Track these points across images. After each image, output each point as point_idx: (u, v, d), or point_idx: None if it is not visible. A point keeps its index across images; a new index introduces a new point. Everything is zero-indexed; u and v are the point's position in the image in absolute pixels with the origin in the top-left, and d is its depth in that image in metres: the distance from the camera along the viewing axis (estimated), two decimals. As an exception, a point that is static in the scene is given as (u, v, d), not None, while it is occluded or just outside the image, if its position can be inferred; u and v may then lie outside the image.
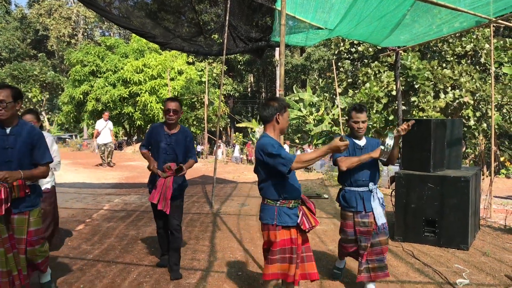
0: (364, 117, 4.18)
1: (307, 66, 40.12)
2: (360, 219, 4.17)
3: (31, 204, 3.69)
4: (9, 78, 36.92)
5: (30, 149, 3.63)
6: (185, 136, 4.81)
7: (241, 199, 9.93)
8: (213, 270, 5.02)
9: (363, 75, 21.59)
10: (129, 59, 29.85)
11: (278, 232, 3.42)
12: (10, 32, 51.59)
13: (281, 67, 4.26)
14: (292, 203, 3.47)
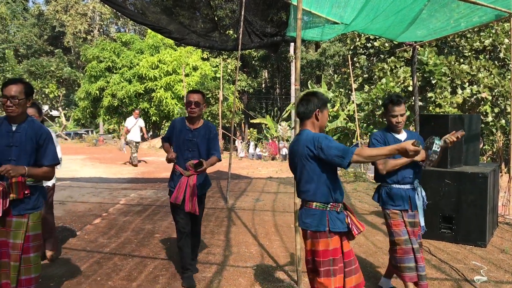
0: (402, 110, 3.83)
1: (322, 61, 39.91)
2: (407, 218, 3.83)
3: (32, 207, 3.37)
4: (26, 74, 37.34)
5: (36, 148, 3.37)
6: (209, 131, 4.49)
7: (255, 194, 9.94)
8: (229, 264, 5.04)
9: (379, 70, 21.37)
10: (145, 55, 30.01)
11: (331, 240, 3.06)
12: (27, 29, 52.22)
13: (297, 61, 4.23)
14: (340, 206, 3.15)
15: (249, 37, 8.27)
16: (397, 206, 3.84)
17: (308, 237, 3.15)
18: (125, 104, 28.61)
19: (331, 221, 3.05)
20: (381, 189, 3.99)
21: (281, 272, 4.77)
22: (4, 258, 3.24)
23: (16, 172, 3.16)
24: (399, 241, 3.80)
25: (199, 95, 4.44)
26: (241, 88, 36.35)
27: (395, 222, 3.85)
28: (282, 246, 5.78)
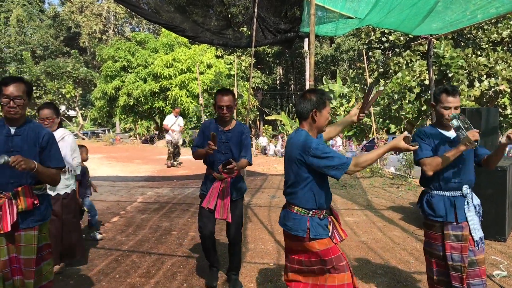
0: (457, 102, 3.28)
1: (336, 57, 39.69)
2: (451, 231, 3.20)
3: (42, 217, 3.12)
4: (43, 75, 37.85)
5: (38, 152, 3.05)
6: (241, 133, 4.21)
7: (271, 191, 9.95)
8: (245, 260, 5.06)
9: (395, 64, 21.20)
10: (159, 53, 30.17)
11: (316, 242, 2.91)
12: (44, 30, 52.93)
13: (311, 57, 4.21)
14: (324, 213, 2.97)
15: (262, 34, 8.26)
16: (437, 217, 3.25)
17: (292, 239, 3.04)
18: (140, 103, 28.82)
19: (312, 228, 2.89)
20: (424, 195, 3.41)
21: (298, 268, 4.76)
22: (15, 275, 2.97)
23: (27, 164, 2.81)
24: (430, 253, 3.36)
25: (230, 97, 4.08)
26: (255, 85, 36.35)
27: (430, 233, 3.33)
28: (299, 243, 5.77)
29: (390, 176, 11.91)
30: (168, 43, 30.83)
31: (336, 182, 10.74)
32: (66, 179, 4.56)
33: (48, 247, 3.21)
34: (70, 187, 4.65)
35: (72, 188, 4.70)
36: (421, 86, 19.32)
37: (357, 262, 4.94)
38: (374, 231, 6.34)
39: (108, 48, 31.91)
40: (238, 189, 4.25)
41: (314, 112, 2.94)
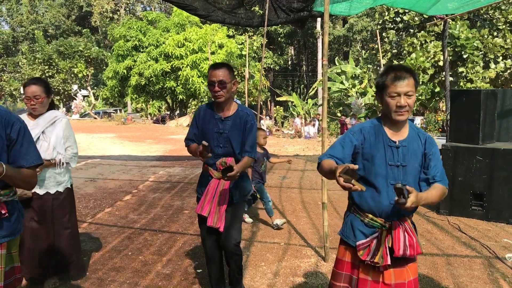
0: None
1: (349, 37, 39.18)
2: None
3: (11, 232, 2.30)
4: (55, 54, 37.93)
5: (6, 145, 2.26)
6: (244, 121, 3.30)
7: (282, 172, 9.96)
8: (256, 240, 5.09)
9: (409, 45, 20.88)
10: (171, 33, 30.05)
11: (339, 248, 2.54)
12: (55, 9, 52.85)
13: (325, 36, 4.14)
14: (369, 218, 2.36)
15: (275, 13, 8.16)
16: None
17: None
18: (152, 83, 28.85)
19: (344, 224, 2.52)
20: None
21: (308, 248, 4.79)
22: None
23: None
24: None
25: (223, 70, 3.18)
26: (267, 65, 36.14)
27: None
28: (310, 223, 5.79)
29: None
30: (179, 22, 30.67)
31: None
32: (58, 174, 3.61)
33: (18, 270, 2.38)
34: (63, 184, 3.66)
35: (66, 186, 3.68)
36: (435, 68, 19.05)
37: (367, 243, 4.94)
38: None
39: (119, 28, 31.86)
40: (241, 190, 3.42)
41: None
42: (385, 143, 2.38)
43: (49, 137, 3.53)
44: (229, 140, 3.28)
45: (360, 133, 2.42)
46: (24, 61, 40.69)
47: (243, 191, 3.45)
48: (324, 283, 3.88)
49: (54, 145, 3.53)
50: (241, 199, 3.44)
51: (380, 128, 2.43)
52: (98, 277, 4.00)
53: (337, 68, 28.17)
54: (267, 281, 3.93)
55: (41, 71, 38.35)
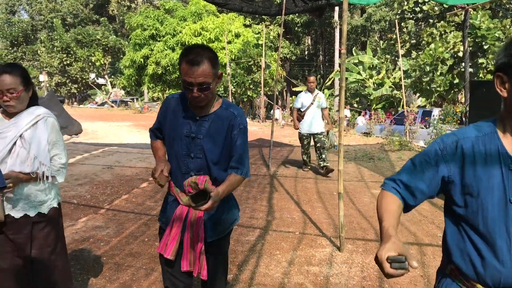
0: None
1: (367, 27, 38.75)
2: None
3: None
4: (73, 43, 38.31)
5: None
6: (228, 124, 2.31)
7: (297, 162, 9.94)
8: (271, 229, 5.10)
9: (428, 35, 20.58)
10: (187, 22, 30.09)
11: None
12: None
13: (344, 24, 4.10)
14: None
15: (293, 1, 8.10)
16: None
17: None
18: (168, 72, 28.97)
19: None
20: None
21: (323, 238, 4.79)
22: None
23: None
24: None
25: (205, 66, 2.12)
26: (283, 55, 35.96)
27: None
28: (325, 213, 5.78)
29: (419, 150, 11.72)
30: (196, 11, 30.68)
31: (364, 155, 10.65)
32: (41, 191, 2.65)
33: None
34: (47, 203, 2.69)
35: (51, 206, 2.72)
36: (455, 58, 18.75)
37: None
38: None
39: (137, 16, 31.99)
40: (222, 222, 2.42)
41: None
42: (504, 164, 1.45)
43: (29, 142, 2.52)
44: (203, 149, 2.27)
45: (455, 150, 1.53)
46: (42, 49, 41.18)
47: (223, 225, 2.42)
48: (339, 272, 3.88)
49: (36, 153, 2.54)
50: (222, 233, 2.43)
51: (495, 140, 1.49)
52: (115, 262, 4.06)
53: (354, 59, 27.92)
54: (281, 269, 3.94)
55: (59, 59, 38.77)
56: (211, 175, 2.26)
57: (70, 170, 8.45)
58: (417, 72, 19.32)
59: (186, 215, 2.31)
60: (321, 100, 8.28)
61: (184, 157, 2.30)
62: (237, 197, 6.43)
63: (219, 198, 2.08)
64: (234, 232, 4.89)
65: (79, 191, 6.84)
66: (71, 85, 41.36)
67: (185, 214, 2.31)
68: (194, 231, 2.30)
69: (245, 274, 3.83)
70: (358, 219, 5.52)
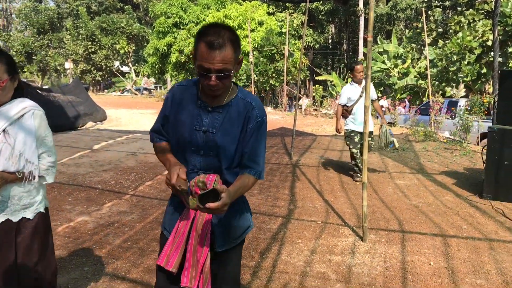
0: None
1: (392, 15, 38.10)
2: None
3: None
4: (98, 30, 38.71)
5: None
6: (245, 115, 2.01)
7: (320, 151, 9.88)
8: (293, 217, 5.10)
9: (456, 24, 20.13)
10: (211, 10, 30.06)
11: None
12: (99, -14, 53.73)
13: (371, 11, 4.01)
14: None
15: (318, -11, 7.99)
16: None
17: None
18: (192, 60, 29.06)
19: None
20: None
21: (346, 228, 4.76)
22: None
23: None
24: None
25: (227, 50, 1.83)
26: (307, 43, 35.66)
27: None
28: (348, 203, 5.75)
29: (445, 141, 11.53)
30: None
31: (387, 145, 10.52)
32: (27, 193, 2.37)
33: None
34: (33, 207, 2.41)
35: (37, 210, 2.43)
36: (483, 47, 18.31)
37: (406, 224, 4.87)
38: (425, 194, 6.20)
39: (160, 4, 32.10)
40: (234, 229, 2.14)
41: None
42: None
43: (14, 138, 2.25)
44: (217, 145, 1.97)
45: None
46: (68, 37, 41.75)
47: (235, 233, 2.13)
48: (361, 262, 3.86)
49: (21, 150, 2.27)
50: (233, 243, 2.13)
51: None
52: (140, 247, 4.12)
53: (379, 47, 27.52)
54: (303, 257, 3.94)
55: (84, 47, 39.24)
56: (222, 175, 1.99)
57: (95, 156, 8.58)
58: (444, 62, 18.96)
59: (192, 221, 2.00)
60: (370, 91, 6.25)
61: (192, 154, 2.01)
62: (259, 185, 6.48)
63: (230, 200, 1.80)
64: (256, 220, 4.91)
65: (103, 177, 6.95)
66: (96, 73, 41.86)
67: (192, 220, 2.00)
68: (199, 239, 1.99)
69: (267, 261, 3.84)
70: (382, 209, 5.47)
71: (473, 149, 10.10)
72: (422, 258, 3.96)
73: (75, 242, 4.20)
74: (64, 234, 4.41)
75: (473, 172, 7.61)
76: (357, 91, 6.86)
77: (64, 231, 4.49)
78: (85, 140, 10.91)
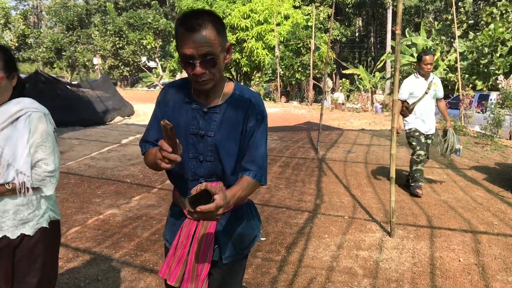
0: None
1: (421, 7, 37.37)
2: None
3: None
4: (125, 26, 39.18)
5: None
6: (245, 113, 1.81)
7: (347, 146, 9.80)
8: (320, 212, 5.08)
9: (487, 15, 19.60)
10: (237, 4, 30.07)
11: None
12: (126, -18, 54.36)
13: (399, 4, 3.95)
14: None
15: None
16: None
17: None
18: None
19: None
20: None
21: (373, 223, 4.72)
22: None
23: None
24: None
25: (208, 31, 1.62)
26: (333, 37, 35.33)
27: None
28: (375, 198, 5.69)
29: (475, 135, 11.28)
30: (245, -7, 30.61)
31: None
32: (23, 206, 2.07)
33: None
34: (33, 222, 2.10)
35: (38, 225, 2.11)
36: (516, 40, 17.78)
37: (435, 220, 4.79)
38: (455, 190, 6.08)
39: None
40: (240, 238, 1.91)
41: None
42: None
43: (2, 145, 1.99)
44: (216, 148, 1.79)
45: None
46: (96, 33, 42.41)
47: (242, 243, 1.91)
48: (389, 258, 3.82)
49: (10, 159, 2.00)
50: (239, 255, 1.91)
51: None
52: (167, 240, 4.17)
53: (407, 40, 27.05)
54: (330, 252, 3.92)
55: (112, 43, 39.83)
56: (226, 182, 1.82)
57: (123, 151, 8.72)
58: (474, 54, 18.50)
59: (194, 232, 1.82)
60: (438, 87, 5.93)
61: (191, 161, 1.81)
62: (285, 180, 6.48)
63: (226, 205, 1.52)
64: (282, 215, 4.91)
65: (132, 171, 7.06)
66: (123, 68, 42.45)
67: (194, 230, 1.83)
68: (201, 252, 1.81)
69: (293, 256, 3.84)
70: (410, 204, 5.40)
71: (505, 144, 9.85)
72: (451, 254, 3.89)
73: (104, 234, 4.29)
74: (94, 226, 4.51)
75: (505, 167, 7.42)
76: (422, 85, 5.82)
77: (93, 224, 4.58)
78: (113, 134, 11.09)
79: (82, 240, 4.12)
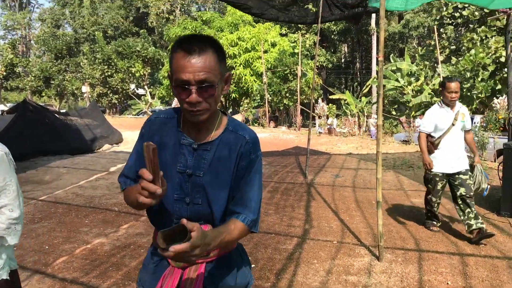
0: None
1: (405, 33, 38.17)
2: None
3: None
4: (114, 54, 39.37)
5: None
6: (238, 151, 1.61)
7: (335, 170, 9.87)
8: (309, 237, 5.09)
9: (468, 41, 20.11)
10: (224, 32, 30.51)
11: None
12: (114, 11, 54.95)
13: (381, 31, 4.07)
14: None
15: (329, 9, 8.10)
16: None
17: None
18: (205, 81, 29.47)
19: None
20: None
21: (362, 247, 4.74)
22: None
23: None
24: None
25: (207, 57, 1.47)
26: (319, 63, 35.85)
27: None
28: (363, 222, 5.72)
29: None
30: (233, 22, 31.10)
31: (403, 163, 10.46)
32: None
33: None
34: None
35: None
36: (496, 64, 18.23)
37: (423, 243, 4.83)
38: (441, 212, 6.14)
39: (175, 28, 32.73)
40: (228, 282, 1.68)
41: None
42: None
43: None
44: (205, 190, 1.59)
45: None
46: (85, 61, 42.54)
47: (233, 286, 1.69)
48: (378, 282, 3.83)
49: None
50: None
51: None
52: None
53: (392, 66, 27.54)
54: (319, 278, 3.93)
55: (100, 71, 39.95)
56: (213, 225, 1.62)
57: (111, 178, 8.68)
58: (458, 79, 18.88)
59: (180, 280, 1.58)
60: (466, 117, 5.22)
61: (176, 202, 1.60)
62: (274, 205, 6.49)
63: (204, 246, 1.29)
64: (271, 240, 4.92)
65: (120, 199, 7.02)
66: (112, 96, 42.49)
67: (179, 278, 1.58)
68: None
69: (283, 282, 3.84)
70: (398, 228, 5.44)
71: (490, 166, 9.99)
72: (440, 278, 3.92)
73: (92, 264, 4.25)
74: (82, 256, 4.47)
75: (490, 190, 7.52)
76: (448, 116, 5.11)
77: (81, 253, 4.54)
78: (101, 162, 11.05)
79: (70, 270, 4.08)
